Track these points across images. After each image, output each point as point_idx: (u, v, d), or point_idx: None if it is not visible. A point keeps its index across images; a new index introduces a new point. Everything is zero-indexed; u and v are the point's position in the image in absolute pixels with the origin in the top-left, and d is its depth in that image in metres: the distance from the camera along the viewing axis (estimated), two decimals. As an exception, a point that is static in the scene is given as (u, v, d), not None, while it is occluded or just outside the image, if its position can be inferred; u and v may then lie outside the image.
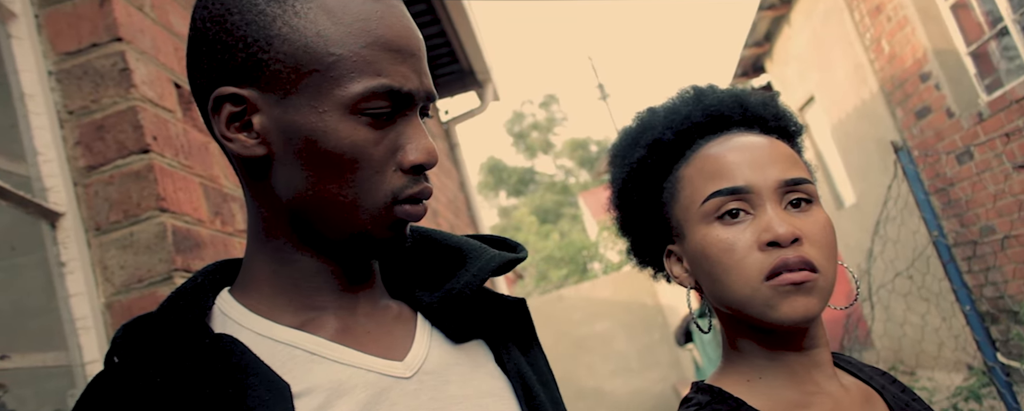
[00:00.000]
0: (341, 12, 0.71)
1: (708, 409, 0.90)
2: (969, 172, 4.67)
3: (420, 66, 0.74)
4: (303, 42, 0.70)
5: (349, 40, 0.70)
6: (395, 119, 0.73)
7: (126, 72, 1.33)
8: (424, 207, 0.76)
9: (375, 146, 0.71)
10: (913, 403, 0.99)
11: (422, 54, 0.75)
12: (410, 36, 0.73)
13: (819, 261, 0.85)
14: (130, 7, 1.42)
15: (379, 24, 0.72)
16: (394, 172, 0.73)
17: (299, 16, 0.70)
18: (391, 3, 0.74)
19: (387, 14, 0.73)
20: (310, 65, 0.70)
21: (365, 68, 0.70)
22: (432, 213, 3.81)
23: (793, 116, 1.01)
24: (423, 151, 0.73)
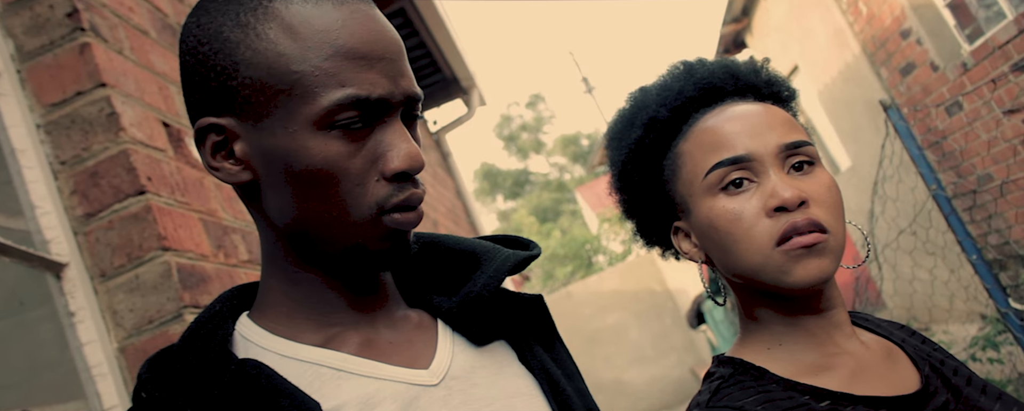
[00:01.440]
0: (301, 27, 0.69)
1: (731, 380, 0.90)
2: (960, 123, 4.68)
3: (394, 68, 0.71)
4: (266, 64, 0.69)
5: (310, 55, 0.69)
6: (373, 127, 0.71)
7: (114, 116, 1.34)
8: (417, 214, 0.73)
9: (351, 158, 0.69)
10: (934, 353, 0.99)
11: (396, 55, 0.72)
12: (377, 39, 0.71)
13: (828, 221, 0.85)
14: (110, 52, 1.43)
15: (340, 33, 0.69)
16: (377, 182, 0.70)
17: (260, 38, 0.70)
18: (356, 7, 0.71)
19: (350, 20, 0.70)
20: (276, 86, 0.69)
21: (327, 81, 0.68)
22: (432, 223, 3.81)
23: (785, 81, 1.00)
24: (405, 157, 0.70)
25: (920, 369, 0.93)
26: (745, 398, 0.86)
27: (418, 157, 0.71)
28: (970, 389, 0.93)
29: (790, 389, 0.87)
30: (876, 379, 0.89)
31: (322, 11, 0.70)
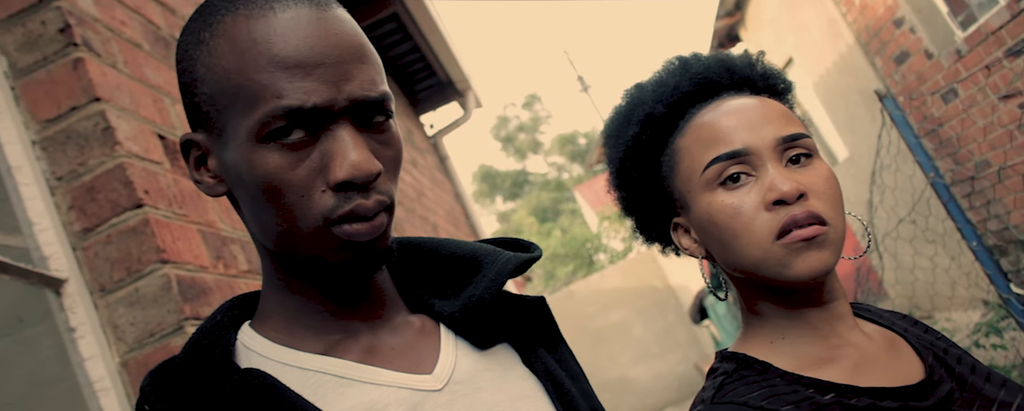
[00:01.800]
0: (241, 39, 0.69)
1: (735, 376, 0.90)
2: (956, 110, 4.68)
3: (336, 73, 0.68)
4: (215, 79, 0.70)
5: (248, 67, 0.68)
6: (318, 136, 0.69)
7: (109, 131, 1.34)
8: (371, 225, 0.70)
9: (292, 170, 0.68)
10: (937, 342, 0.99)
11: (342, 58, 0.69)
12: (317, 45, 0.68)
13: (827, 213, 0.85)
14: (103, 66, 1.43)
15: (276, 42, 0.68)
16: (323, 192, 0.68)
17: (211, 54, 0.70)
18: (299, 12, 0.70)
19: (288, 28, 0.68)
20: (223, 101, 0.70)
21: (263, 93, 0.67)
22: (431, 227, 3.81)
23: (780, 73, 1.00)
24: (348, 166, 0.67)
25: (924, 359, 0.93)
26: (749, 393, 0.86)
27: (363, 165, 0.67)
28: (974, 377, 0.93)
29: (794, 383, 0.87)
30: (880, 370, 0.89)
31: (263, 21, 0.69)
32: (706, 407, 0.87)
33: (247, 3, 0.70)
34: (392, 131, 0.73)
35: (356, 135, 0.69)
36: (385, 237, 0.72)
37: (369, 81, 0.70)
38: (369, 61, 0.71)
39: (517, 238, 0.93)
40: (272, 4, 0.69)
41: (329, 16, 0.70)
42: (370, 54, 0.72)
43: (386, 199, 0.71)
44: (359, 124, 0.70)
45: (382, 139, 0.72)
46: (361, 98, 0.69)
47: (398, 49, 4.93)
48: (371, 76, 0.70)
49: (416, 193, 3.86)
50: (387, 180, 0.72)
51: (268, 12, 0.69)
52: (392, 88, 4.85)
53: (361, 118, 0.70)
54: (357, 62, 0.70)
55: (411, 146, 4.49)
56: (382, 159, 0.71)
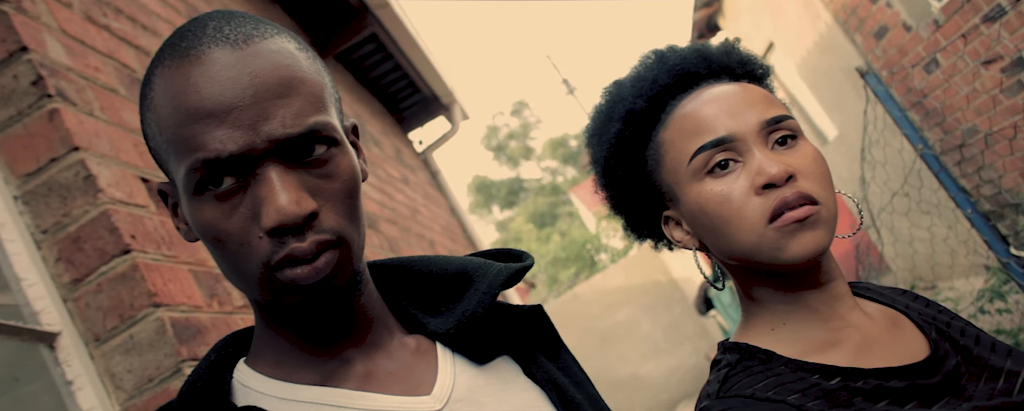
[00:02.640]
0: (167, 93, 0.68)
1: (739, 367, 0.89)
2: (938, 80, 4.69)
3: (251, 115, 0.65)
4: (156, 133, 0.70)
5: (172, 122, 0.67)
6: (247, 181, 0.67)
7: (90, 179, 1.33)
8: (313, 268, 0.67)
9: (227, 220, 0.67)
10: (940, 316, 0.98)
11: (258, 98, 0.66)
12: (229, 89, 0.65)
13: (817, 193, 0.85)
14: (80, 115, 1.42)
15: (191, 93, 0.66)
16: (260, 239, 0.66)
17: (150, 109, 0.70)
18: (215, 56, 0.67)
19: (202, 76, 0.66)
20: (165, 155, 0.71)
21: (183, 147, 0.66)
22: (428, 243, 3.81)
23: (757, 58, 1.00)
24: (272, 213, 0.65)
25: (927, 334, 0.92)
26: (754, 384, 0.85)
27: (289, 209, 0.65)
28: (979, 348, 0.92)
29: (799, 369, 0.86)
30: (884, 350, 0.89)
31: (181, 72, 0.67)
32: (712, 402, 0.86)
33: (172, 54, 0.69)
34: (337, 161, 0.70)
35: (286, 175, 0.67)
36: (340, 274, 0.70)
37: (292, 116, 0.67)
38: (296, 93, 0.68)
39: (509, 249, 0.92)
40: (190, 53, 0.67)
41: (249, 53, 0.67)
42: (298, 85, 0.69)
43: (328, 237, 0.68)
44: (291, 161, 0.68)
45: (323, 172, 0.69)
46: (282, 137, 0.66)
47: (380, 69, 4.94)
48: (296, 110, 0.67)
49: (410, 211, 3.86)
50: (334, 214, 0.69)
51: (186, 63, 0.67)
52: (376, 108, 4.85)
53: (291, 155, 0.68)
54: (278, 98, 0.67)
55: (401, 164, 4.49)
56: (324, 193, 0.69)
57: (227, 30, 0.68)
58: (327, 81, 0.74)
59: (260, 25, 0.71)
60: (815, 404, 0.82)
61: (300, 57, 0.71)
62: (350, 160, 0.72)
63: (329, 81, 0.75)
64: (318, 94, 0.70)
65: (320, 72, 0.73)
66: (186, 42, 0.68)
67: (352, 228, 0.71)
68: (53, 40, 1.48)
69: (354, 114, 4.05)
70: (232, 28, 0.68)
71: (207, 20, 0.70)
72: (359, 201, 0.73)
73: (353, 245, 0.71)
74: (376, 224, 3.04)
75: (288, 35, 0.73)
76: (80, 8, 1.69)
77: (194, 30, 0.69)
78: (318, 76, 0.72)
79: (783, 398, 0.82)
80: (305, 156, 0.68)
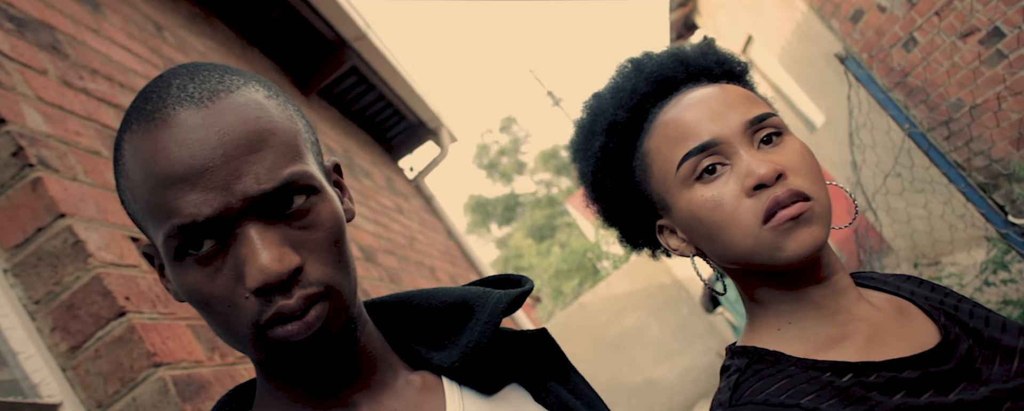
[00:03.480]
0: (137, 160, 0.67)
1: (749, 372, 0.88)
2: (918, 58, 4.71)
3: (223, 175, 0.64)
4: (131, 200, 0.70)
5: (142, 189, 0.66)
6: (227, 242, 0.66)
7: (79, 245, 1.33)
8: (303, 324, 0.66)
9: (211, 284, 0.66)
10: (946, 299, 0.97)
11: (229, 156, 0.64)
12: (198, 150, 0.64)
13: (809, 188, 0.84)
14: (63, 181, 1.42)
15: (160, 159, 0.65)
16: (247, 299, 0.65)
17: (123, 176, 0.70)
18: (181, 117, 0.65)
19: (169, 140, 0.65)
20: (142, 222, 0.70)
21: (158, 214, 0.65)
22: (429, 270, 3.79)
23: (734, 56, 0.99)
24: (255, 273, 0.63)
25: (936, 320, 0.91)
26: (767, 388, 0.84)
27: (272, 268, 0.63)
28: (990, 329, 0.91)
29: (810, 368, 0.85)
30: (894, 340, 0.88)
31: (149, 137, 0.66)
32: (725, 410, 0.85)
33: (138, 118, 0.68)
34: (317, 210, 0.69)
35: (266, 232, 0.65)
36: (333, 324, 0.69)
37: (266, 171, 0.65)
38: (267, 146, 0.67)
39: (507, 274, 0.92)
40: (156, 116, 0.66)
41: (215, 111, 0.66)
42: (269, 138, 0.67)
43: (316, 289, 0.67)
44: (270, 216, 0.66)
45: (304, 223, 0.68)
46: (257, 194, 0.65)
47: (363, 100, 4.94)
48: (269, 164, 0.66)
49: (407, 240, 3.85)
50: (319, 265, 0.68)
51: (153, 127, 0.66)
52: (363, 139, 4.85)
53: (269, 211, 0.66)
54: (249, 153, 0.65)
55: (393, 193, 4.48)
56: (308, 245, 0.68)
57: (191, 88, 0.67)
58: (301, 126, 0.72)
59: (226, 77, 0.69)
60: (829, 405, 0.81)
61: (270, 106, 0.69)
62: (331, 206, 0.71)
63: (303, 125, 0.73)
64: (291, 143, 0.69)
65: (292, 118, 0.72)
66: (151, 104, 0.67)
67: (341, 275, 0.70)
68: (30, 109, 1.48)
69: (342, 148, 4.05)
70: (196, 85, 0.67)
71: (171, 78, 0.68)
72: (345, 246, 0.72)
73: (344, 292, 0.70)
74: (374, 256, 3.03)
75: (256, 83, 0.71)
76: (56, 74, 1.69)
77: (158, 91, 0.68)
78: (290, 123, 0.70)
79: (797, 402, 0.81)
80: (284, 209, 0.67)
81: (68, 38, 1.88)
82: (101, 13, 2.23)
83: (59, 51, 1.79)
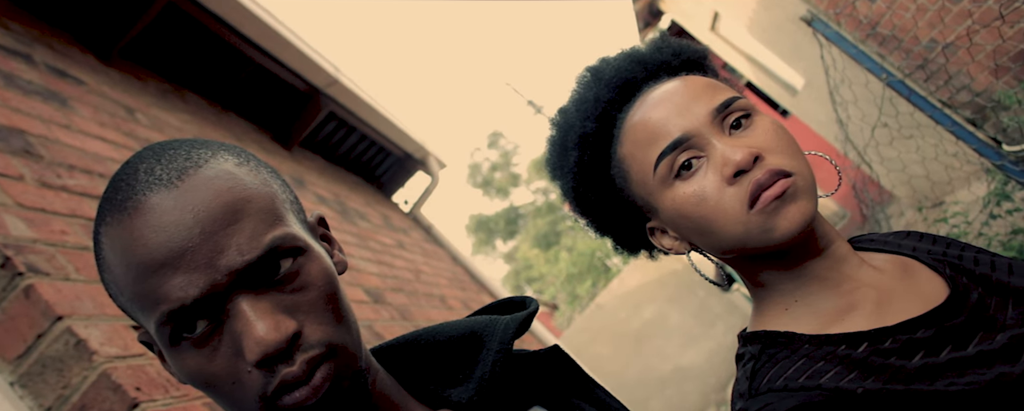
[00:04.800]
0: (116, 253, 0.66)
1: (764, 357, 0.87)
2: (883, 7, 4.72)
3: (206, 253, 0.63)
4: (116, 293, 0.70)
5: (126, 280, 0.66)
6: (221, 320, 0.65)
7: (81, 344, 1.32)
8: (311, 387, 0.65)
9: (211, 363, 0.65)
10: (949, 250, 0.96)
11: (207, 233, 0.64)
12: (176, 233, 0.63)
13: (788, 164, 0.84)
14: (56, 282, 1.42)
15: (138, 248, 0.64)
16: (250, 373, 0.65)
17: (105, 270, 0.69)
18: (153, 202, 0.65)
19: (145, 226, 0.64)
20: (131, 312, 0.69)
21: (145, 304, 0.65)
22: (439, 300, 3.79)
23: (689, 45, 0.99)
24: (254, 346, 0.63)
25: (942, 273, 0.90)
26: (784, 372, 0.83)
27: (269, 338, 0.63)
28: (998, 273, 0.90)
29: (824, 344, 0.84)
30: (903, 301, 0.87)
31: (124, 228, 0.65)
32: (747, 402, 0.83)
33: (111, 209, 0.67)
34: (307, 270, 0.68)
35: (258, 302, 0.65)
36: (343, 381, 0.68)
37: (247, 241, 0.65)
38: (245, 215, 0.66)
39: (510, 298, 0.91)
40: (127, 205, 0.66)
41: (186, 189, 0.65)
42: (245, 206, 0.67)
43: (318, 351, 0.66)
44: (259, 286, 0.66)
45: (296, 286, 0.67)
46: (242, 266, 0.64)
47: (346, 143, 4.95)
48: (249, 233, 0.65)
49: (413, 274, 3.84)
50: (318, 326, 0.67)
51: (126, 216, 0.65)
52: (353, 181, 4.85)
53: (257, 280, 0.66)
54: (227, 226, 0.65)
55: (392, 230, 4.48)
56: (303, 307, 0.67)
57: (159, 170, 0.66)
58: (276, 188, 0.72)
59: (193, 152, 0.69)
60: (850, 379, 0.80)
61: (241, 174, 0.69)
62: (321, 263, 0.70)
63: (279, 186, 0.73)
64: (269, 207, 0.68)
65: (267, 182, 0.71)
66: (121, 194, 0.66)
67: (341, 332, 0.69)
68: (11, 217, 1.48)
69: (332, 194, 4.05)
70: (164, 166, 0.66)
71: (138, 163, 0.68)
72: (341, 301, 0.71)
73: (348, 347, 0.69)
74: (382, 297, 3.02)
75: (225, 152, 0.71)
76: (32, 177, 1.69)
77: (127, 178, 0.67)
78: (265, 187, 0.70)
79: (817, 383, 0.80)
80: (272, 276, 0.66)
81: (40, 139, 1.89)
82: (70, 107, 2.24)
83: (33, 153, 1.79)
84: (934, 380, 0.78)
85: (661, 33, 1.03)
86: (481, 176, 35.04)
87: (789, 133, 0.90)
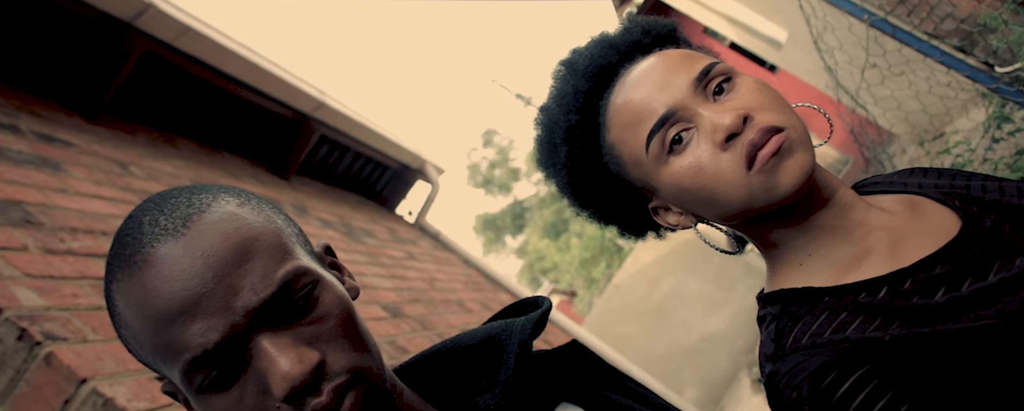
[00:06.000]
0: (131, 308, 0.66)
1: (785, 317, 0.86)
2: (850, -52, 4.69)
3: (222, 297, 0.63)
4: (136, 348, 0.69)
5: (144, 334, 0.66)
6: (245, 360, 0.65)
7: (109, 403, 1.32)
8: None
9: (240, 405, 0.65)
10: (955, 181, 0.95)
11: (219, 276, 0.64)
12: (189, 280, 0.63)
13: (778, 119, 0.83)
14: (75, 347, 1.42)
15: (153, 300, 0.64)
16: (278, 409, 0.65)
17: (122, 327, 0.69)
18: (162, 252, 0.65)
19: (157, 278, 0.64)
20: (154, 365, 0.69)
21: (166, 355, 0.65)
22: (457, 305, 3.79)
23: (658, 20, 0.98)
24: (280, 382, 0.63)
25: (952, 206, 0.89)
26: (808, 329, 0.82)
27: (293, 373, 0.63)
28: (1008, 197, 0.89)
29: (844, 294, 0.83)
30: (916, 239, 0.86)
31: (135, 283, 0.65)
32: (777, 365, 0.82)
33: (120, 265, 0.67)
34: (322, 300, 0.68)
35: (278, 338, 0.65)
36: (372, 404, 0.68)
37: (260, 279, 0.65)
38: (254, 254, 0.66)
39: (522, 300, 0.91)
40: (136, 259, 0.65)
41: (193, 236, 0.65)
42: (253, 245, 0.67)
43: (344, 378, 0.66)
44: (277, 323, 0.66)
45: (313, 317, 0.67)
46: (259, 304, 0.64)
47: (343, 163, 4.95)
48: (261, 272, 0.65)
49: (427, 283, 3.84)
50: (340, 353, 0.67)
51: (136, 271, 0.65)
52: (355, 201, 4.85)
53: (275, 317, 0.66)
54: (239, 267, 0.65)
55: (400, 242, 4.48)
56: (323, 337, 0.67)
57: (163, 220, 0.66)
58: (280, 223, 0.72)
59: (194, 197, 0.69)
60: (876, 327, 0.79)
61: (245, 214, 0.69)
62: (334, 292, 0.70)
63: (283, 221, 0.73)
64: (277, 243, 0.68)
65: (270, 218, 0.71)
66: (128, 249, 0.66)
67: (363, 356, 0.69)
68: (21, 288, 1.48)
69: (336, 217, 4.05)
70: (167, 216, 0.67)
71: (141, 216, 0.68)
72: (359, 325, 0.71)
73: (372, 369, 0.69)
74: (400, 311, 3.02)
75: (225, 194, 0.71)
76: (37, 246, 1.69)
77: (132, 232, 0.67)
78: (270, 223, 0.70)
79: (843, 335, 0.79)
80: (288, 310, 0.66)
81: (38, 207, 1.89)
82: (64, 171, 2.24)
83: (33, 222, 1.79)
84: (959, 316, 0.77)
85: (628, 14, 1.02)
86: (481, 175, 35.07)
87: (773, 89, 0.89)
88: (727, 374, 9.75)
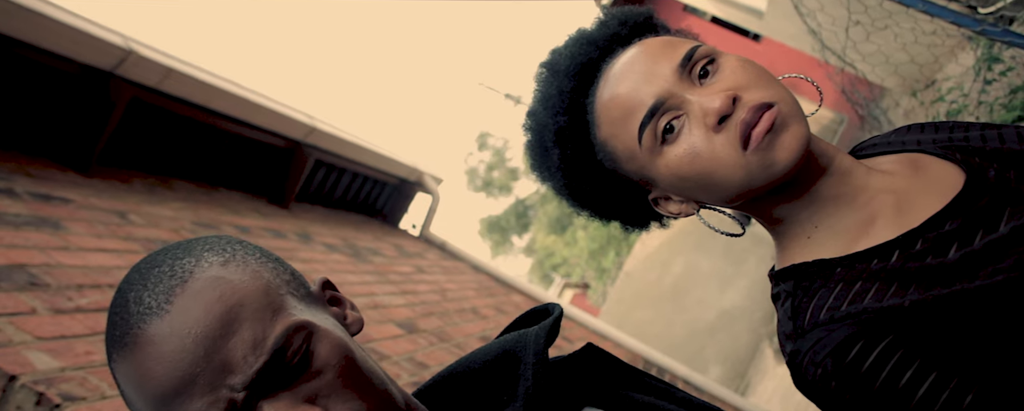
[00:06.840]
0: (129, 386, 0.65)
1: (800, 293, 0.84)
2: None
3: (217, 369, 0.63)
4: None
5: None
6: None
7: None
8: None
9: None
10: (954, 134, 0.94)
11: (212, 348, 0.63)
12: (178, 363, 0.63)
13: (767, 95, 0.81)
14: (93, 404, 1.42)
15: (147, 382, 0.63)
16: None
17: (128, 403, 0.68)
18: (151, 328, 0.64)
19: (147, 360, 0.63)
20: None
21: None
22: (472, 312, 3.78)
23: (632, 10, 0.96)
24: None
25: (953, 159, 0.87)
26: (825, 304, 0.80)
27: None
28: (1009, 144, 0.88)
29: (856, 263, 0.82)
30: (922, 198, 0.84)
31: (129, 362, 0.64)
32: (798, 344, 0.81)
33: (114, 346, 0.66)
34: (318, 352, 0.67)
35: (278, 403, 0.64)
36: None
37: (252, 347, 0.64)
38: (243, 319, 0.65)
39: (531, 309, 0.90)
40: (126, 340, 0.65)
41: (178, 311, 0.64)
42: (240, 311, 0.66)
43: None
44: (276, 387, 0.65)
45: (312, 372, 0.66)
46: (255, 373, 0.63)
47: (340, 186, 4.95)
48: (251, 339, 0.64)
49: (439, 295, 3.84)
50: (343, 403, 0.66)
51: (128, 352, 0.64)
52: (358, 220, 4.85)
53: (272, 381, 0.65)
54: (228, 337, 0.64)
55: (407, 257, 4.48)
56: (324, 390, 0.66)
57: (147, 298, 0.65)
58: (268, 275, 0.70)
59: (176, 265, 0.67)
60: (892, 294, 0.77)
61: (228, 275, 0.67)
62: (331, 339, 0.68)
63: (270, 272, 0.71)
64: (264, 302, 0.67)
65: (257, 273, 0.69)
66: (118, 329, 0.65)
67: (369, 396, 0.68)
68: (34, 352, 1.48)
69: (340, 239, 4.05)
70: (150, 292, 0.65)
71: (127, 292, 0.67)
72: (360, 368, 0.69)
73: (384, 407, 0.69)
74: (415, 327, 3.02)
75: (209, 253, 0.69)
76: (45, 307, 1.69)
77: (120, 312, 0.66)
78: (256, 280, 0.68)
79: (861, 305, 0.78)
80: (285, 370, 0.65)
81: (42, 268, 1.88)
82: (64, 228, 2.24)
83: (39, 284, 1.79)
84: (976, 273, 0.76)
85: (603, 8, 1.01)
86: (480, 179, 35.08)
87: (758, 64, 0.88)
88: (749, 348, 9.74)
